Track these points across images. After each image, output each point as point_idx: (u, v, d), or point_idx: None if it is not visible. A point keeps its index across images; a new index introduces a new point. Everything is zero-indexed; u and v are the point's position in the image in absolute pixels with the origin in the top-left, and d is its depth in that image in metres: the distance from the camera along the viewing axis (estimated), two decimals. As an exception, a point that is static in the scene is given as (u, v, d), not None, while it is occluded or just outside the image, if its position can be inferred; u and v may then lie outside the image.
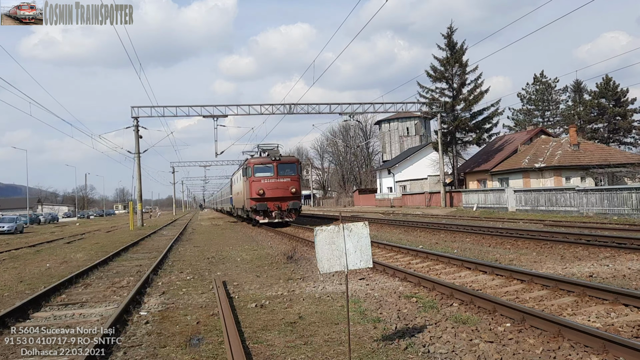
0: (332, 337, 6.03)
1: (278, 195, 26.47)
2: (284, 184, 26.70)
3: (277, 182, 26.54)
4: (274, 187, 26.51)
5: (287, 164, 27.23)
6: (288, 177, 26.89)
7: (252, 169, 26.89)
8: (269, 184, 26.49)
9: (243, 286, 9.84)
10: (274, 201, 26.46)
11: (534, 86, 69.20)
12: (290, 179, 26.92)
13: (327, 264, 5.25)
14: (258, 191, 26.29)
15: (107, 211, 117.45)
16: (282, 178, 26.68)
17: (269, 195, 26.40)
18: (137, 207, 38.90)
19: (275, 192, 26.45)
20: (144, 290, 9.78)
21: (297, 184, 27.32)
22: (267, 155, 27.54)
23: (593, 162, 38.21)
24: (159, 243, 21.73)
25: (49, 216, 73.58)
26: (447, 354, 5.23)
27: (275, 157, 26.94)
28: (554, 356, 4.98)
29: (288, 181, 26.81)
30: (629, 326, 5.81)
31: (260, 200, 26.36)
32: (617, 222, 19.88)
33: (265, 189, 26.36)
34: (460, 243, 15.52)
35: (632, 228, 17.01)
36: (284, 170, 26.96)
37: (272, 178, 26.62)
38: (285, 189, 26.61)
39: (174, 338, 6.36)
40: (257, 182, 26.52)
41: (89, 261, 15.07)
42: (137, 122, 36.71)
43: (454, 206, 41.64)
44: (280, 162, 26.89)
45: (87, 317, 7.83)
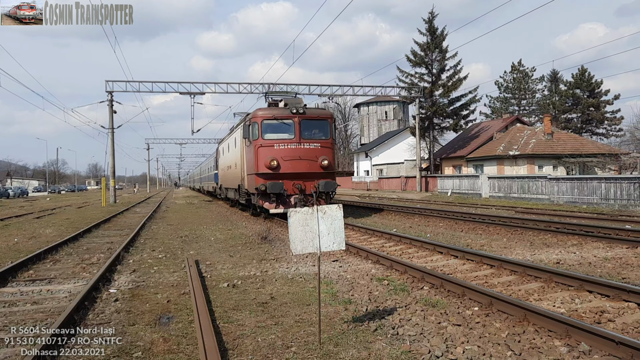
0: (303, 317, 6.06)
1: (301, 169, 17.37)
2: (312, 153, 17.55)
3: (300, 150, 17.45)
4: (295, 157, 17.36)
5: (315, 120, 18.07)
6: (317, 142, 17.78)
7: (259, 127, 17.46)
8: (288, 152, 17.31)
9: (216, 266, 9.80)
10: (295, 179, 17.28)
11: (512, 74, 69.88)
12: (320, 145, 17.77)
13: (300, 245, 5.25)
14: (269, 162, 16.98)
15: (79, 187, 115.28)
16: (309, 143, 17.65)
17: (286, 169, 17.22)
18: (109, 183, 38.27)
19: (298, 164, 17.37)
20: (115, 268, 9.66)
21: (331, 154, 18.13)
22: (285, 107, 18.13)
23: (566, 151, 38.97)
24: (131, 220, 21.45)
25: (18, 190, 71.81)
26: (416, 336, 5.30)
27: (298, 109, 17.59)
28: (518, 340, 5.10)
29: (317, 148, 17.69)
30: (591, 312, 5.98)
31: (273, 178, 17.07)
32: (586, 211, 20.37)
33: (281, 159, 17.20)
34: (434, 227, 15.72)
35: (600, 217, 17.46)
36: (311, 131, 17.94)
37: (292, 142, 17.39)
38: (313, 160, 17.47)
39: (144, 316, 6.31)
40: (267, 149, 17.28)
41: (58, 237, 14.81)
42: (111, 97, 35.89)
43: (429, 191, 42.08)
44: (305, 117, 17.69)
45: (55, 293, 7.71)
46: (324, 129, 18.25)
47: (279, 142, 17.42)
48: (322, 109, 19.94)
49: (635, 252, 10.08)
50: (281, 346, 5.10)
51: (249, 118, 18.48)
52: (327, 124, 18.36)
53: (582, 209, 21.44)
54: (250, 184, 18.36)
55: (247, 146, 18.82)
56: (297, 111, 17.63)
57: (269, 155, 17.23)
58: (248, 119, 18.62)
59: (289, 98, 19.41)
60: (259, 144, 17.49)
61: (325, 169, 17.64)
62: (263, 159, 17.25)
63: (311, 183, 17.39)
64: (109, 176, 38.63)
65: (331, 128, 18.44)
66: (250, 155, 18.28)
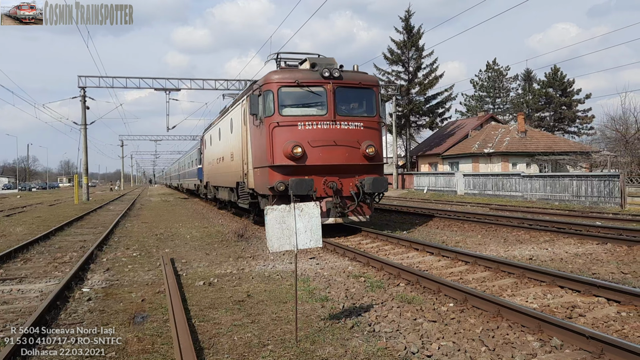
0: (280, 315, 6.04)
1: (337, 160, 12.20)
2: (352, 136, 12.39)
3: (335, 131, 12.21)
4: (328, 142, 12.12)
5: (357, 89, 12.78)
6: (359, 121, 12.57)
7: (275, 98, 12.16)
8: (318, 134, 12.12)
9: (192, 264, 9.71)
10: (328, 174, 12.18)
11: (487, 73, 70.83)
12: (363, 125, 12.57)
13: (277, 243, 5.23)
14: (291, 150, 11.82)
15: (50, 184, 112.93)
16: (347, 121, 12.37)
17: (316, 159, 12.04)
18: (82, 180, 37.57)
19: (332, 153, 12.16)
20: (88, 267, 9.49)
21: (378, 138, 13.01)
22: (313, 68, 12.52)
23: (539, 149, 39.75)
24: (105, 218, 21.10)
25: (-13, 187, 70.06)
26: (392, 332, 5.34)
27: (332, 71, 12.25)
28: (492, 335, 5.17)
29: (359, 129, 12.50)
30: (563, 307, 6.10)
31: (296, 173, 11.91)
32: (558, 208, 20.79)
33: (308, 144, 11.98)
34: (410, 225, 15.85)
35: (571, 214, 17.84)
36: (350, 105, 12.78)
37: (323, 120, 12.16)
38: (354, 146, 12.37)
39: (118, 315, 6.21)
40: (287, 130, 12.06)
41: (29, 235, 14.47)
42: (84, 92, 35.17)
43: (405, 188, 42.42)
44: (342, 83, 12.39)
45: (26, 292, 7.54)
46: (369, 101, 12.79)
47: (305, 120, 11.96)
48: (364, 73, 13.42)
49: (605, 248, 10.33)
50: (257, 344, 5.08)
51: (260, 85, 12.55)
52: (372, 94, 12.78)
53: (554, 206, 21.87)
54: (260, 182, 12.68)
55: (254, 126, 13.01)
56: (331, 75, 12.09)
57: (290, 138, 11.79)
58: (257, 87, 12.66)
59: (315, 57, 13.11)
60: (275, 123, 11.91)
61: (371, 160, 12.35)
62: (281, 145, 11.81)
63: (350, 180, 12.21)
64: (81, 173, 37.95)
65: (377, 100, 12.85)
66: (260, 140, 12.60)
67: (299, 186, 11.42)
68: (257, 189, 13.32)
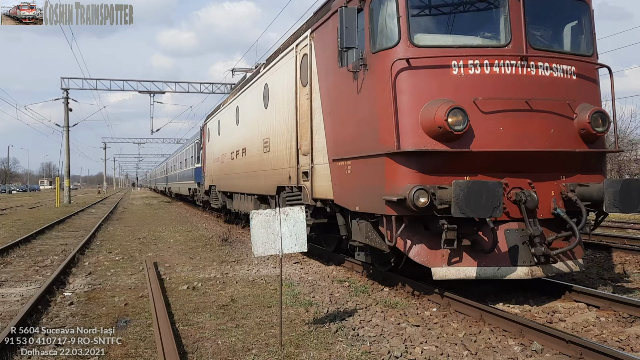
0: (264, 320, 6.05)
1: (532, 142, 5.97)
2: (556, 91, 6.15)
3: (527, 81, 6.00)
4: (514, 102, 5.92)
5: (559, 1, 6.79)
6: (569, 62, 6.31)
7: (403, 8, 5.99)
8: (493, 86, 5.94)
9: (175, 268, 9.65)
10: (508, 172, 6.01)
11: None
12: (575, 71, 6.35)
13: (262, 247, 5.25)
14: (443, 116, 5.55)
15: (31, 186, 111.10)
16: (549, 62, 6.12)
17: (491, 140, 5.86)
18: (64, 183, 37.10)
19: (525, 127, 5.95)
20: (69, 271, 9.38)
21: (598, 93, 6.80)
22: None
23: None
24: (87, 221, 20.85)
25: (-35, 189, 68.77)
26: (375, 337, 5.38)
27: None
28: (475, 340, 5.24)
29: (570, 79, 6.28)
30: (544, 312, 6.20)
31: (449, 167, 5.86)
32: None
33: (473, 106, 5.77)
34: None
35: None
36: (547, 30, 6.81)
37: (503, 57, 5.96)
38: (562, 113, 6.14)
39: (100, 320, 6.16)
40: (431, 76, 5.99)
41: (9, 238, 14.24)
42: (67, 94, 34.79)
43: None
44: None
45: (7, 297, 7.44)
46: (580, 24, 6.98)
47: (466, 57, 6.01)
48: None
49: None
50: (242, 349, 5.08)
51: None
52: (585, 9, 6.91)
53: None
54: (350, 187, 7.04)
55: (339, 80, 7.18)
56: None
57: (437, 95, 5.93)
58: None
59: None
60: (404, 62, 5.97)
61: (592, 143, 6.46)
62: (417, 109, 5.94)
63: (550, 185, 6.34)
64: (63, 176, 37.53)
65: (593, 23, 6.92)
66: (357, 103, 6.75)
67: (476, 198, 5.31)
68: (339, 200, 7.38)
